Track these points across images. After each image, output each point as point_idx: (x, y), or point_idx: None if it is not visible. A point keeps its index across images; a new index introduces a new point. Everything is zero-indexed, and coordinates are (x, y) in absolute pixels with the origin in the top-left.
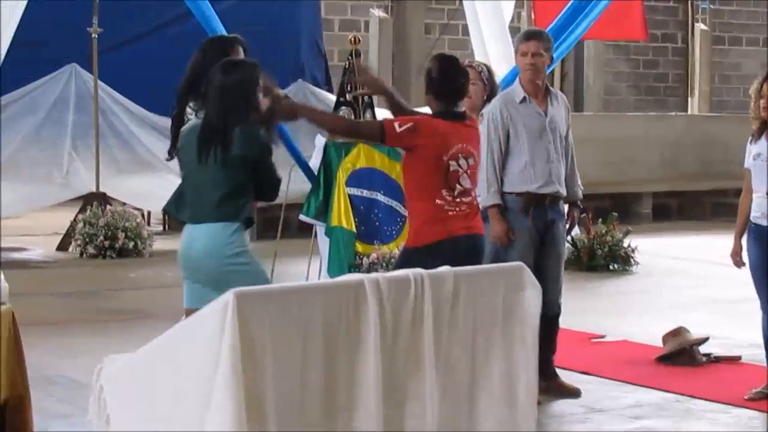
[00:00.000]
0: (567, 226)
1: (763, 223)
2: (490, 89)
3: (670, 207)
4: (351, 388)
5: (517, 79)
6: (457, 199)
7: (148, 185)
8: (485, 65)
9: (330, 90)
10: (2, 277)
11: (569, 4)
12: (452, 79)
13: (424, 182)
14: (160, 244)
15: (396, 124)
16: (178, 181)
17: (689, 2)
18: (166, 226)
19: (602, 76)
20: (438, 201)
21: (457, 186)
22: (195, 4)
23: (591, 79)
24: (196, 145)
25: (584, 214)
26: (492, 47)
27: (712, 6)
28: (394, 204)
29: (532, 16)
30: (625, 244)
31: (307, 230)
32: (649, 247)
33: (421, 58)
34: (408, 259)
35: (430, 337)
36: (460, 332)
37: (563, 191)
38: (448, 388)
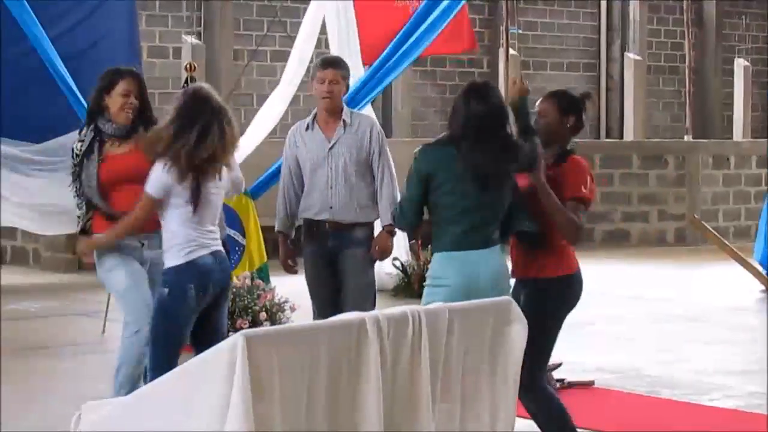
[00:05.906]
0: (378, 252)
1: None
2: None
3: None
4: (353, 424)
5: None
6: None
7: None
8: None
9: None
10: None
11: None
12: None
13: None
14: None
15: None
16: None
17: (502, 27)
18: None
19: (410, 101)
20: None
21: None
22: (33, 33)
23: (399, 105)
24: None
25: (413, 241)
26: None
27: (519, 31)
28: (232, 232)
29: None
30: None
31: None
32: None
33: (231, 84)
34: None
35: (427, 371)
36: (454, 367)
37: (347, 218)
38: (441, 423)
